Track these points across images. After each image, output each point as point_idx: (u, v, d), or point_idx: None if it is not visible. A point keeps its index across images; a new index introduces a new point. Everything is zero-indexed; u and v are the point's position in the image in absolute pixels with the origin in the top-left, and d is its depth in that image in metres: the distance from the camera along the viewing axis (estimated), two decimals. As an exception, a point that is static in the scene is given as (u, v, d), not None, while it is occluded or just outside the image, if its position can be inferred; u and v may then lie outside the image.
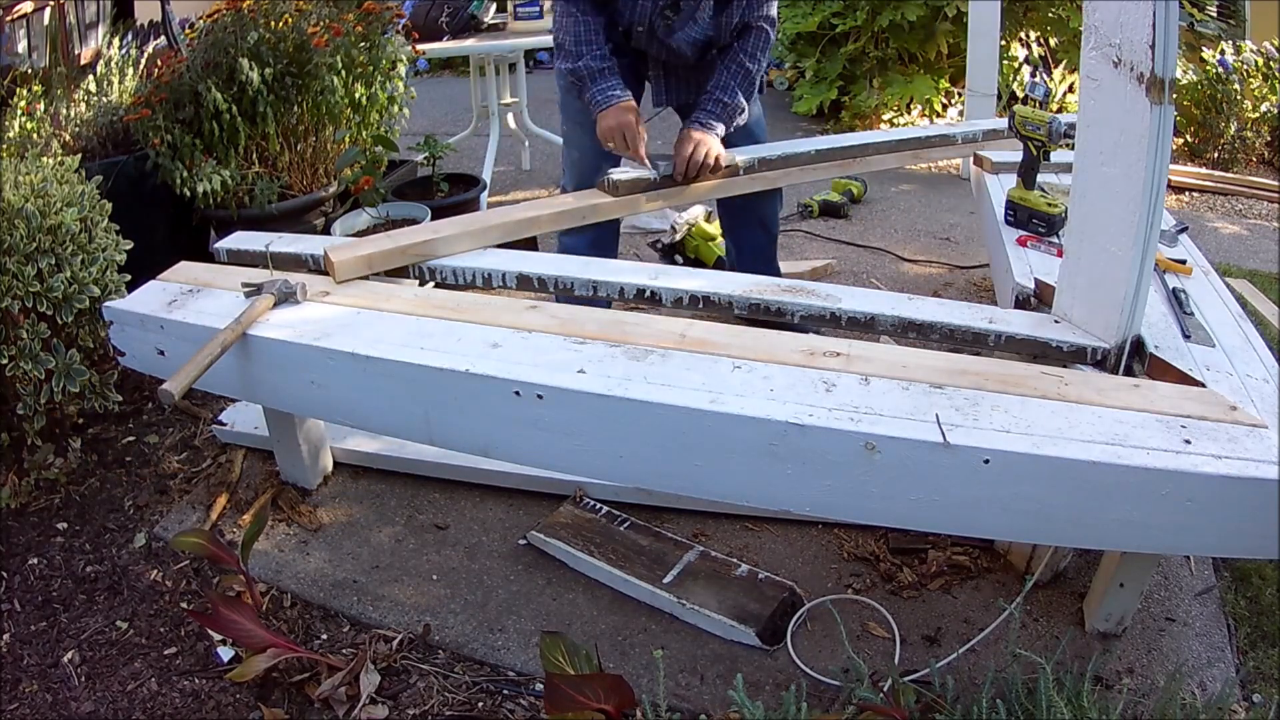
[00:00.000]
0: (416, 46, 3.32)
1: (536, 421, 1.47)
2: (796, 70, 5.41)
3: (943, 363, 1.48)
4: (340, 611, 1.79)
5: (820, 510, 1.44)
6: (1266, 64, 4.46)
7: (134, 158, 2.72)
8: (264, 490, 2.13)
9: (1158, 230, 1.41)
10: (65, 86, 2.92)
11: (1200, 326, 1.66)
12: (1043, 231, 2.11)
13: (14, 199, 1.96)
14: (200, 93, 2.64)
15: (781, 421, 1.32)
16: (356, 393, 1.61)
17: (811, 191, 3.89)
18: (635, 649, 1.68)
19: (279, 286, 1.73)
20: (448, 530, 2.01)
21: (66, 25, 3.32)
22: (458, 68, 6.59)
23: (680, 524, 1.97)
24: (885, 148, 2.63)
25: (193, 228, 2.87)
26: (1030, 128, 2.11)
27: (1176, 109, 1.79)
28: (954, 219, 3.79)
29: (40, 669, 1.68)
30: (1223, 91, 4.41)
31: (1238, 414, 1.34)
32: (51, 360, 1.98)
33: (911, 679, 1.53)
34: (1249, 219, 3.90)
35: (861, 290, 1.78)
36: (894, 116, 4.87)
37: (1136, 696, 1.52)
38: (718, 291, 1.78)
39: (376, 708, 1.57)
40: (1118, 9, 1.32)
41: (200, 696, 1.62)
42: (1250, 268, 3.33)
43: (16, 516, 2.07)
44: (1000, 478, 1.27)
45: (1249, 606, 1.77)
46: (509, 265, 1.91)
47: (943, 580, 1.81)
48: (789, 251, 3.48)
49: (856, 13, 4.70)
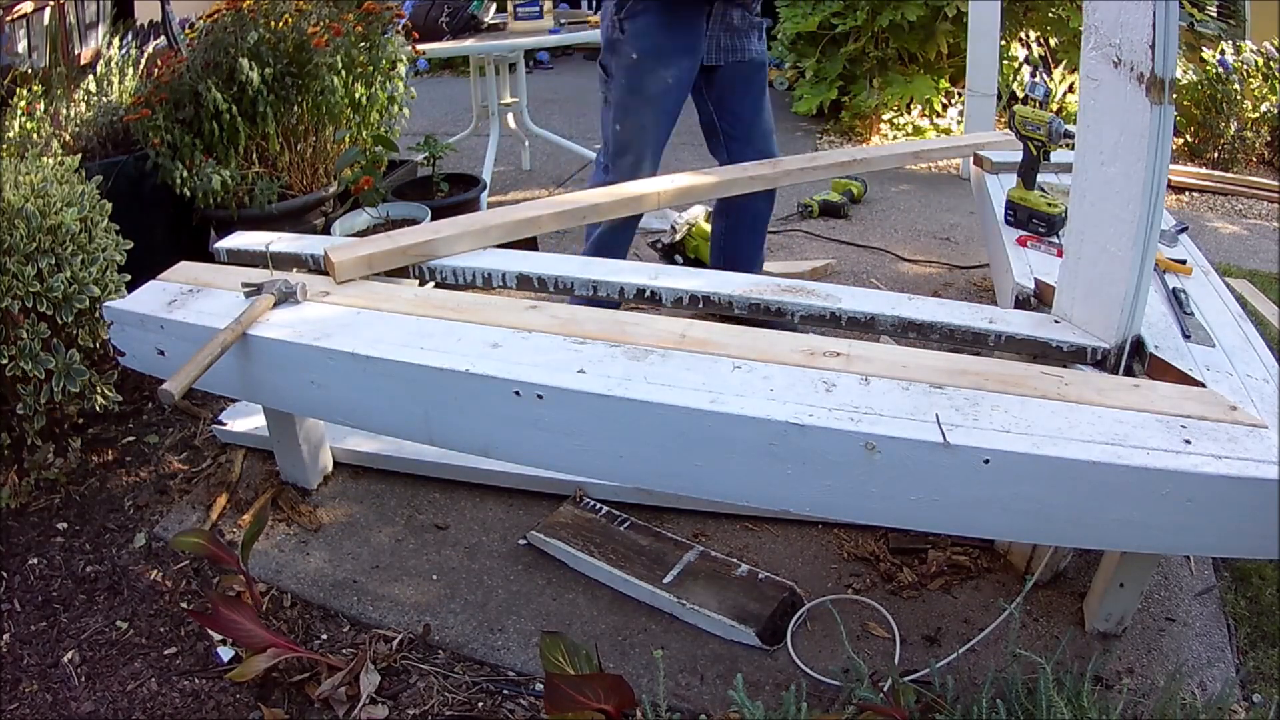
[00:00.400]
0: (416, 46, 3.33)
1: (536, 421, 1.47)
2: (796, 70, 5.41)
3: (943, 363, 1.48)
4: (340, 611, 1.79)
5: (820, 510, 1.44)
6: (1266, 64, 4.46)
7: (134, 158, 2.72)
8: (264, 490, 2.13)
9: (1158, 230, 1.41)
10: (65, 86, 2.91)
11: (1200, 326, 1.66)
12: (1043, 231, 2.11)
13: (14, 199, 1.96)
14: (200, 93, 2.64)
15: (781, 421, 1.32)
16: (356, 393, 1.61)
17: (811, 191, 3.90)
18: (635, 649, 1.68)
19: (279, 286, 1.73)
20: (447, 530, 2.01)
21: (66, 25, 3.32)
22: (458, 68, 6.59)
23: (680, 524, 1.97)
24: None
25: (193, 228, 2.87)
26: (1030, 128, 2.11)
27: (1176, 109, 1.79)
28: (954, 219, 3.79)
29: (40, 669, 1.68)
30: (1223, 91, 4.41)
31: (1238, 414, 1.34)
32: (51, 360, 1.98)
33: (911, 679, 1.53)
34: (1249, 219, 3.90)
35: (861, 290, 1.78)
36: (894, 116, 4.87)
37: (1136, 696, 1.52)
38: (718, 291, 1.78)
39: (376, 708, 1.57)
40: (1118, 9, 1.32)
41: (200, 696, 1.62)
42: (1250, 268, 3.33)
43: (16, 516, 2.07)
44: (1000, 478, 1.27)
45: (1249, 606, 1.77)
46: (509, 265, 1.91)
47: (943, 580, 1.81)
48: (789, 251, 3.48)
49: (856, 13, 4.70)
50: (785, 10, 5.04)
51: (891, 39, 4.75)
